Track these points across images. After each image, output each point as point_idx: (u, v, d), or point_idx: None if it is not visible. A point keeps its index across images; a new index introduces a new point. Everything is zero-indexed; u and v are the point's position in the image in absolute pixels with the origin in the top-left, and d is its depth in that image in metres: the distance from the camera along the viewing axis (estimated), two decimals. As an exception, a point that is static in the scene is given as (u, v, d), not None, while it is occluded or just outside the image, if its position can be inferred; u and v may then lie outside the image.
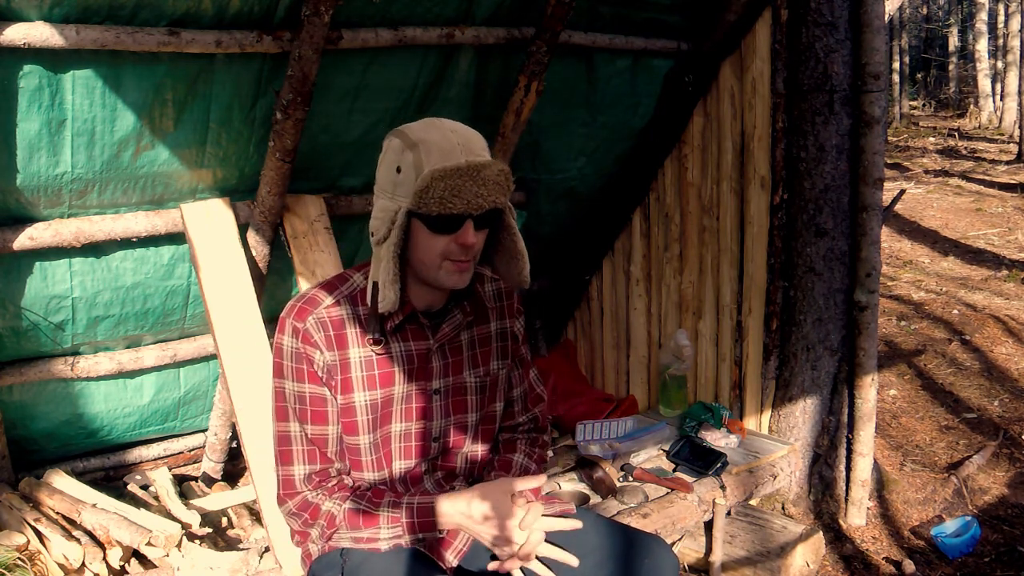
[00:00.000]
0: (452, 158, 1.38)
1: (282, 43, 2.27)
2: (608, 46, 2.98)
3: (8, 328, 2.48)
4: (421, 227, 1.42)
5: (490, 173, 1.39)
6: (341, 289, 1.53)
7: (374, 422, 1.53)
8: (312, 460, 1.53)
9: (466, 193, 1.37)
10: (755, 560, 2.59)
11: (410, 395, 1.56)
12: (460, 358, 1.61)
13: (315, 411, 1.51)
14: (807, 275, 2.97)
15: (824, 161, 2.89)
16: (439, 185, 1.35)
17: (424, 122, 1.47)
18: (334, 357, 1.49)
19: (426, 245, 1.43)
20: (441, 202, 1.36)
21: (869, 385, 2.94)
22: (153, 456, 3.06)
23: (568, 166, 3.32)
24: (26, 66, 2.00)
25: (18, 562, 2.24)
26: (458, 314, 1.58)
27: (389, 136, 1.46)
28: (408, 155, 1.39)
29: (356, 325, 1.51)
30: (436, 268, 1.45)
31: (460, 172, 1.37)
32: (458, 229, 1.41)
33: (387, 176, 1.43)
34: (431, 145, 1.39)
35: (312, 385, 1.50)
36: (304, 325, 1.48)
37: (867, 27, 2.79)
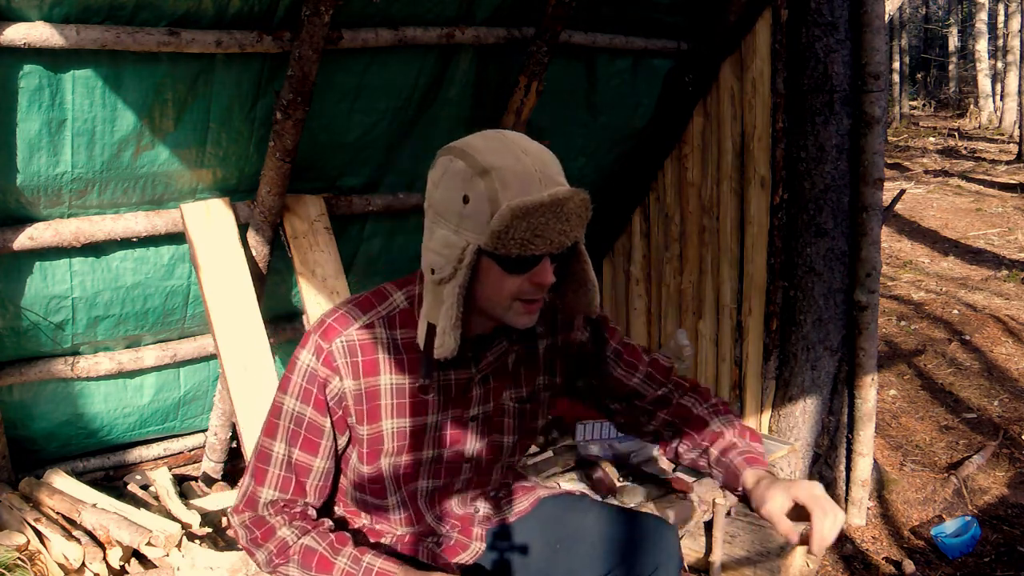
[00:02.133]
0: (531, 189, 1.20)
1: (282, 43, 2.27)
2: (608, 46, 2.98)
3: (8, 328, 2.48)
4: (492, 265, 1.24)
5: (573, 206, 1.22)
6: (378, 309, 1.37)
7: (400, 449, 1.41)
8: (285, 488, 1.39)
9: (549, 232, 1.20)
10: (755, 560, 2.59)
11: (444, 423, 1.43)
12: (501, 382, 1.46)
13: (308, 438, 1.38)
14: (807, 275, 2.98)
15: (824, 161, 2.89)
16: (520, 225, 1.18)
17: (488, 139, 1.25)
18: (358, 386, 1.35)
19: (497, 285, 1.26)
20: (523, 244, 1.19)
21: (869, 385, 2.94)
22: (153, 456, 3.06)
23: (568, 166, 3.27)
24: (26, 66, 2.00)
25: (18, 562, 2.24)
26: (504, 342, 1.43)
27: (448, 155, 1.25)
28: (479, 184, 1.20)
29: (390, 351, 1.36)
30: (505, 308, 1.28)
31: (543, 209, 1.18)
32: (533, 267, 1.24)
33: (450, 204, 1.23)
34: (506, 173, 1.20)
35: (315, 411, 1.36)
36: (329, 346, 1.33)
37: (867, 27, 2.79)
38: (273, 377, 2.54)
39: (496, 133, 1.27)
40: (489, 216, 1.19)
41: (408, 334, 1.37)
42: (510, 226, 1.18)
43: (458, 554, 1.55)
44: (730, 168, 3.19)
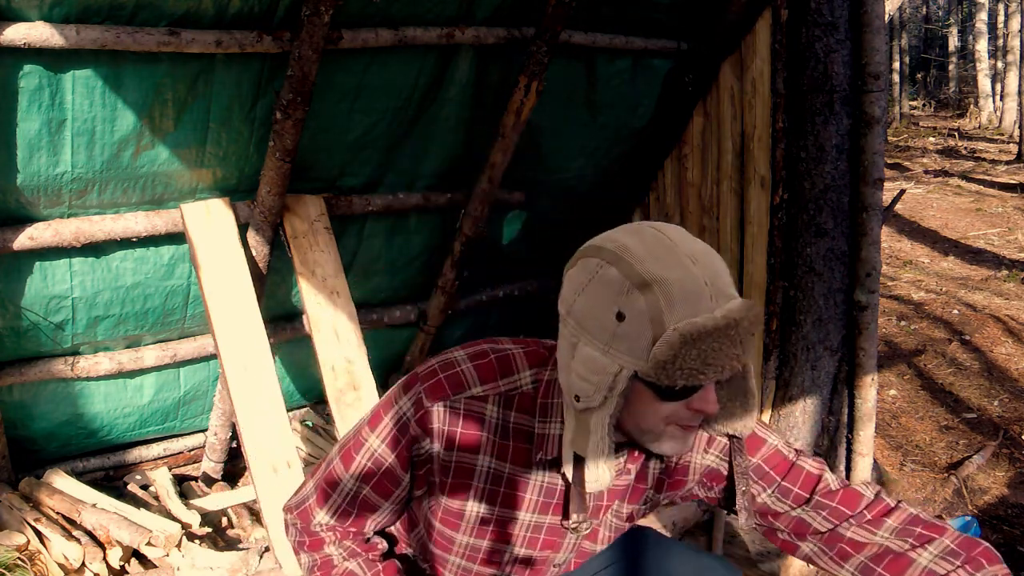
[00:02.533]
0: (702, 306, 1.01)
1: (282, 43, 2.27)
2: (608, 46, 2.98)
3: (8, 328, 2.48)
4: (645, 390, 1.07)
5: (746, 325, 1.03)
6: (499, 383, 1.20)
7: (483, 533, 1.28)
8: (343, 519, 1.29)
9: (721, 358, 1.01)
10: (755, 560, 2.59)
11: (540, 527, 1.28)
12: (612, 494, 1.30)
13: (382, 482, 1.26)
14: (807, 275, 2.97)
15: (824, 161, 2.88)
16: (690, 353, 1.00)
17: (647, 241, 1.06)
18: (450, 457, 1.20)
19: (649, 412, 1.09)
20: (690, 374, 1.01)
21: (869, 385, 2.94)
22: (153, 456, 3.06)
23: (568, 166, 3.32)
24: (26, 66, 2.00)
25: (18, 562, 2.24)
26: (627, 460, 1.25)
27: (596, 257, 1.08)
28: (638, 300, 1.01)
29: (498, 433, 1.20)
30: (655, 435, 1.12)
31: (717, 333, 1.00)
32: (695, 392, 1.08)
33: (599, 320, 1.05)
34: (672, 288, 1.01)
35: (397, 461, 1.23)
36: (431, 405, 1.18)
37: (867, 27, 2.79)
38: (273, 377, 2.54)
39: (655, 232, 1.08)
40: (650, 340, 1.01)
41: (523, 420, 1.20)
42: (678, 355, 1.00)
43: None
44: (730, 168, 3.19)
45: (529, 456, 1.21)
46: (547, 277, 3.79)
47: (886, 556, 1.22)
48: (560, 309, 1.13)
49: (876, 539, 1.24)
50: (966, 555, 1.20)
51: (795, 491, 1.29)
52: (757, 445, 1.30)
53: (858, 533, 1.25)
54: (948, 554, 1.19)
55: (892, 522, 1.25)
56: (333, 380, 2.69)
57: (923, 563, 1.19)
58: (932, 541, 1.21)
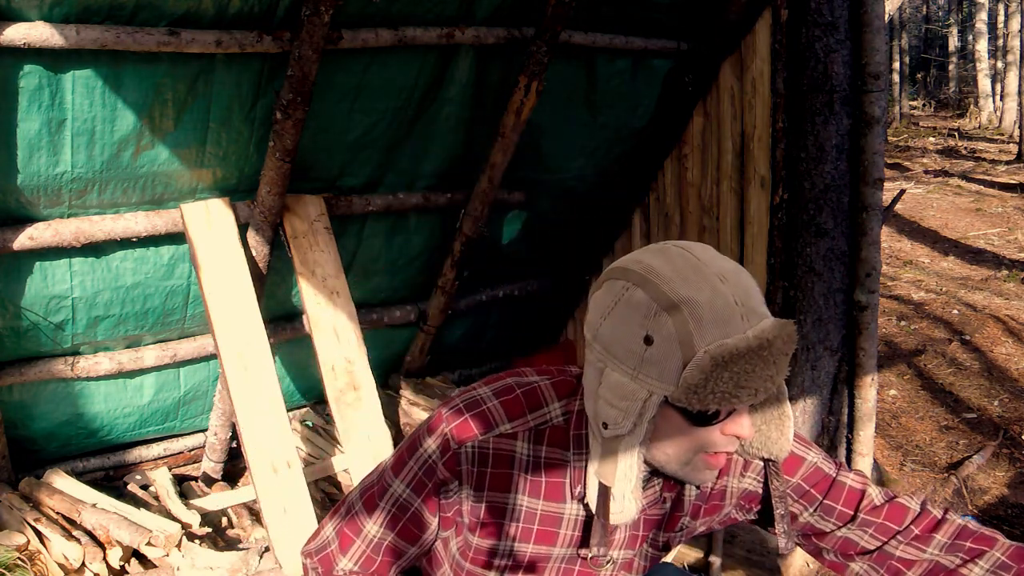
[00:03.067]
0: (733, 328, 0.97)
1: (282, 43, 2.27)
2: (608, 46, 2.98)
3: (8, 328, 2.48)
4: (675, 415, 1.03)
5: (780, 345, 0.97)
6: (528, 419, 1.15)
7: (514, 568, 1.23)
8: (367, 566, 1.24)
9: (755, 380, 0.97)
10: (755, 560, 2.59)
11: (573, 561, 1.23)
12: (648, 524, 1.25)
13: (408, 528, 1.21)
14: (807, 275, 2.97)
15: (824, 161, 2.88)
16: (722, 376, 0.95)
17: (675, 261, 1.02)
18: (480, 497, 1.15)
19: (679, 438, 1.05)
20: (723, 398, 0.97)
21: (869, 385, 2.94)
22: (153, 456, 3.06)
23: (568, 166, 3.32)
24: (26, 66, 2.00)
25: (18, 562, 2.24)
26: (660, 490, 1.20)
27: (623, 279, 1.04)
28: (666, 322, 0.97)
29: (529, 470, 1.15)
30: (683, 463, 1.07)
31: (750, 354, 0.96)
32: (728, 416, 1.03)
33: (627, 344, 1.00)
34: (701, 309, 0.97)
35: (423, 505, 1.18)
36: (459, 448, 1.13)
37: (867, 27, 2.79)
38: (273, 377, 2.54)
39: (681, 252, 1.03)
40: (680, 364, 0.97)
41: (555, 454, 1.15)
42: (710, 378, 0.96)
43: None
44: (730, 168, 3.19)
45: (562, 490, 1.17)
46: (547, 277, 3.79)
47: (938, 573, 1.19)
48: (586, 334, 1.08)
49: (926, 556, 1.20)
50: (1017, 568, 1.16)
51: (839, 509, 1.25)
52: (796, 464, 1.24)
53: (907, 551, 1.22)
54: (999, 567, 1.16)
55: (941, 537, 1.21)
56: (333, 380, 2.69)
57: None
58: (983, 555, 1.18)
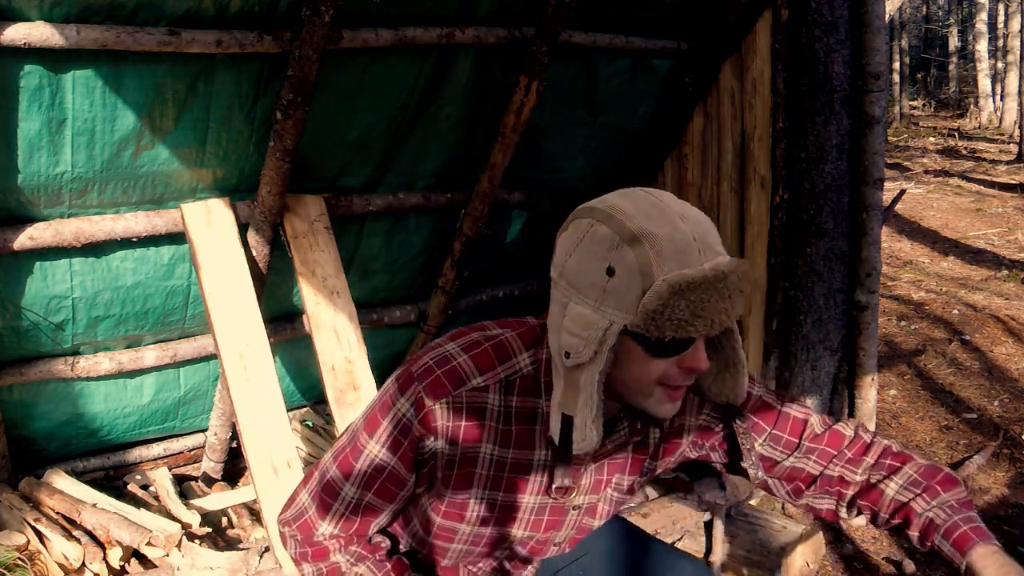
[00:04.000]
0: (690, 260, 1.03)
1: (282, 43, 2.27)
2: (608, 46, 2.98)
3: (8, 328, 2.48)
4: (635, 347, 1.08)
5: (735, 280, 1.04)
6: (498, 370, 1.19)
7: (487, 521, 1.28)
8: (346, 528, 1.27)
9: (710, 311, 1.02)
10: (755, 560, 2.59)
11: (543, 508, 1.28)
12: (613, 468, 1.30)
13: (386, 486, 1.24)
14: (807, 275, 2.97)
15: (824, 161, 2.89)
16: (679, 304, 1.01)
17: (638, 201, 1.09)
18: (454, 450, 1.20)
19: (640, 369, 1.09)
20: (679, 325, 1.02)
21: (869, 385, 2.94)
22: (153, 456, 3.06)
23: (568, 166, 3.31)
24: (26, 66, 2.00)
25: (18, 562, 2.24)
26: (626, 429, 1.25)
27: (586, 216, 1.10)
28: (627, 254, 1.03)
29: (500, 419, 1.19)
30: (646, 395, 1.12)
31: (705, 285, 1.02)
32: (685, 349, 1.08)
33: (590, 277, 1.06)
34: (661, 242, 1.03)
35: (400, 463, 1.21)
36: (433, 404, 1.16)
37: (867, 27, 2.79)
38: (273, 377, 2.54)
39: (645, 194, 1.10)
40: (640, 293, 1.02)
41: (526, 402, 1.20)
42: (667, 304, 1.01)
43: None
44: (730, 168, 3.19)
45: (531, 438, 1.21)
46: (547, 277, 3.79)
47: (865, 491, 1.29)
48: (552, 273, 1.14)
49: (858, 477, 1.30)
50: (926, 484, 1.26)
51: (786, 438, 1.32)
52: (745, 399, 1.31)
53: (844, 472, 1.30)
54: (911, 484, 1.26)
55: (869, 459, 1.31)
56: (333, 380, 2.69)
57: (890, 494, 1.26)
58: (898, 471, 1.28)
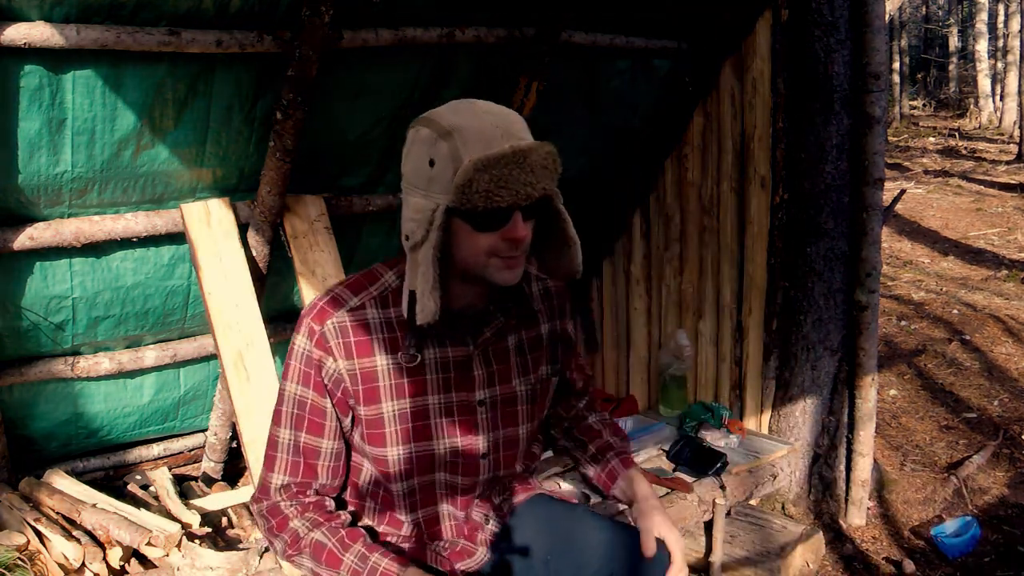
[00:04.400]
0: (493, 144, 1.21)
1: (282, 43, 2.27)
2: (608, 46, 2.98)
3: (8, 328, 2.48)
4: (463, 225, 1.26)
5: (537, 157, 1.23)
6: (369, 290, 1.39)
7: (405, 433, 1.39)
8: (294, 472, 1.41)
9: (513, 183, 1.21)
10: (755, 560, 2.59)
11: (450, 407, 1.41)
12: (507, 365, 1.46)
13: (312, 420, 1.39)
14: (807, 275, 2.98)
15: (824, 161, 2.89)
16: (482, 178, 1.19)
17: (452, 106, 1.29)
18: (352, 366, 1.35)
19: (470, 244, 1.27)
20: (487, 196, 1.20)
21: (869, 385, 2.94)
22: (153, 456, 3.06)
23: (568, 166, 3.27)
24: (26, 66, 2.00)
25: (18, 562, 2.24)
26: (499, 315, 1.42)
27: (414, 125, 1.30)
28: (442, 145, 1.22)
29: (383, 330, 1.36)
30: (483, 266, 1.29)
31: (504, 160, 1.20)
32: (505, 223, 1.25)
33: (418, 171, 1.26)
34: (467, 131, 1.22)
35: (315, 393, 1.37)
36: (321, 328, 1.35)
37: (867, 27, 2.79)
38: (273, 377, 2.54)
39: (461, 101, 1.30)
40: (453, 174, 1.21)
41: (401, 313, 1.35)
42: (473, 179, 1.19)
43: (463, 560, 1.52)
44: (730, 168, 3.19)
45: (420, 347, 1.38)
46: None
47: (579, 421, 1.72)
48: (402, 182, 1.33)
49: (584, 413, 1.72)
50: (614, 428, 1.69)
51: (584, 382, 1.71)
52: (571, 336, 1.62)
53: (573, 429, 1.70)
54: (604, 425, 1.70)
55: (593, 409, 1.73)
56: (333, 380, 2.69)
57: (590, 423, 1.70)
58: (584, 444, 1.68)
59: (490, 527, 1.55)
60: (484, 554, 1.53)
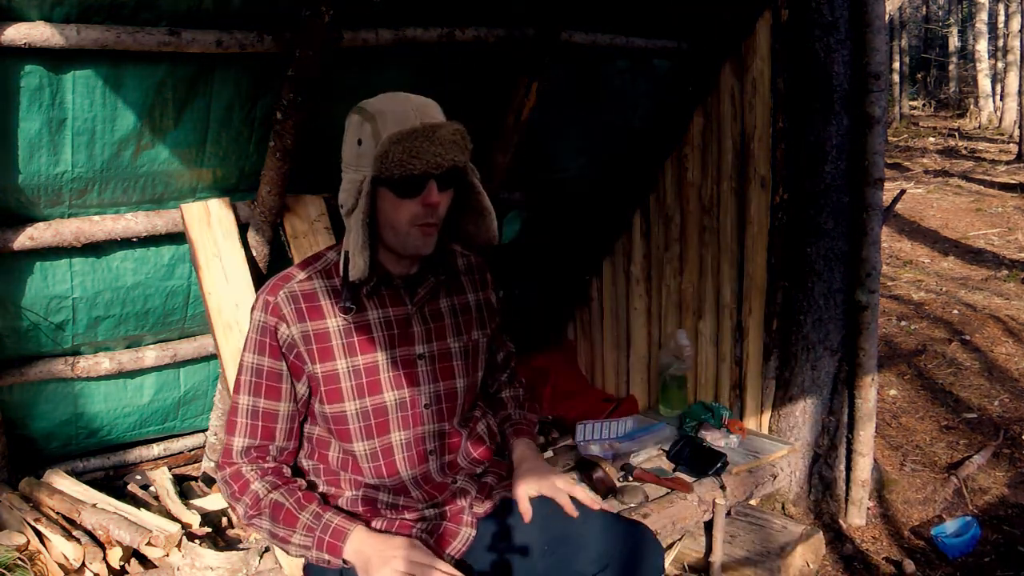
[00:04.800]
0: (408, 122, 1.43)
1: (282, 43, 2.27)
2: (608, 46, 2.98)
3: (8, 328, 2.48)
4: (387, 194, 1.48)
5: (445, 132, 1.44)
6: (315, 265, 1.61)
7: (360, 388, 1.57)
8: (253, 435, 1.56)
9: (424, 153, 1.42)
10: (755, 560, 2.59)
11: (395, 362, 1.60)
12: (442, 324, 1.66)
13: (269, 385, 1.56)
14: (807, 275, 2.98)
15: (824, 161, 2.89)
16: (397, 148, 1.41)
17: (381, 96, 1.52)
18: (305, 328, 1.55)
19: (393, 211, 1.49)
20: (401, 164, 1.42)
21: (869, 385, 2.94)
22: (153, 456, 3.06)
23: (568, 166, 3.31)
24: (26, 66, 2.00)
25: (18, 562, 2.24)
26: (431, 278, 1.64)
27: (350, 113, 1.53)
28: (367, 126, 1.46)
29: (331, 296, 1.57)
30: (404, 234, 1.50)
31: (416, 134, 1.42)
32: (422, 191, 1.47)
33: (350, 150, 1.51)
34: (387, 114, 1.45)
35: (271, 359, 1.55)
36: (275, 299, 1.55)
37: (867, 27, 2.79)
38: (273, 377, 2.54)
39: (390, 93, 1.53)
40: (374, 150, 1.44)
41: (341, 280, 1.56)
42: (388, 150, 1.41)
43: (449, 543, 1.59)
44: (730, 168, 3.19)
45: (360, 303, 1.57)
46: (547, 277, 3.79)
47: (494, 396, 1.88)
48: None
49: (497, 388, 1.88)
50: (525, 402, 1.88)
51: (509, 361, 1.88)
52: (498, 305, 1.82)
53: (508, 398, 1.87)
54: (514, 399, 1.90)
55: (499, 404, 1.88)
56: (333, 380, 2.69)
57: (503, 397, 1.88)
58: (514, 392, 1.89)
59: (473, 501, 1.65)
60: (470, 534, 1.62)
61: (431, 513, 1.62)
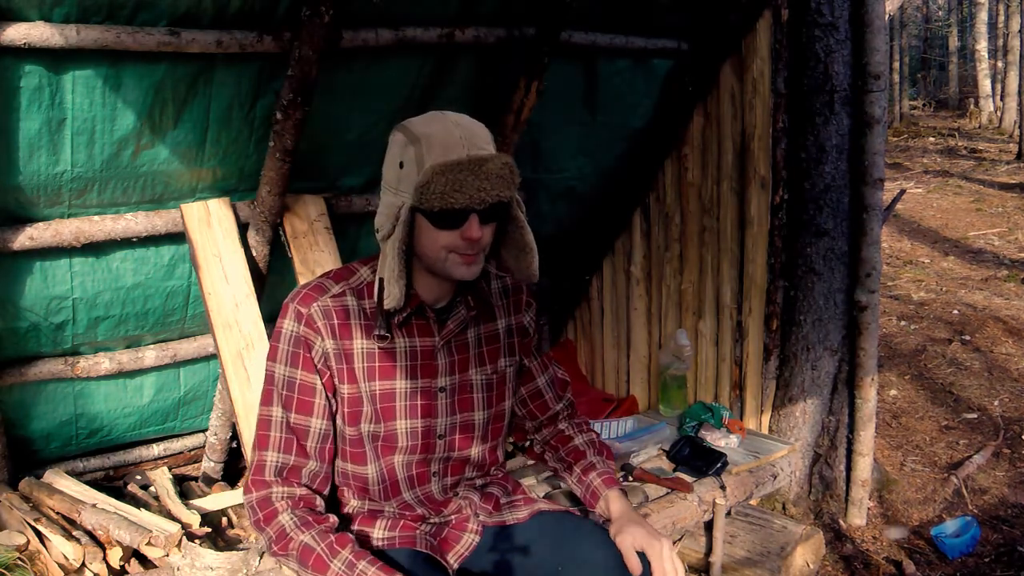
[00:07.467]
0: (454, 152, 1.35)
1: (282, 43, 2.27)
2: (608, 46, 2.98)
3: (8, 328, 2.48)
4: (424, 222, 1.40)
5: (493, 167, 1.36)
6: (348, 281, 1.53)
7: (377, 414, 1.52)
8: (287, 450, 1.49)
9: (468, 187, 1.34)
10: (755, 560, 2.59)
11: (414, 392, 1.54)
12: (466, 356, 1.59)
13: (302, 399, 1.49)
14: (807, 275, 2.98)
15: (824, 161, 2.89)
16: (439, 180, 1.33)
17: (428, 115, 1.43)
18: (336, 346, 1.48)
19: (430, 240, 1.41)
20: (442, 197, 1.33)
21: (869, 385, 2.94)
22: (153, 456, 3.06)
23: (568, 166, 3.31)
24: (26, 66, 2.00)
25: (18, 562, 2.24)
26: (462, 310, 1.57)
27: (394, 131, 1.45)
28: (410, 150, 1.38)
29: (360, 317, 1.50)
30: (442, 260, 1.43)
31: (461, 166, 1.33)
32: (462, 224, 1.39)
33: (391, 171, 1.43)
34: (433, 139, 1.37)
35: (304, 372, 1.49)
36: (308, 311, 1.47)
37: (867, 27, 2.79)
38: (273, 377, 2.54)
39: (436, 112, 1.44)
40: (417, 177, 1.36)
41: (375, 302, 1.49)
42: (431, 181, 1.33)
43: (452, 547, 1.59)
44: (730, 168, 3.19)
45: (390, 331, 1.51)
46: (547, 277, 3.79)
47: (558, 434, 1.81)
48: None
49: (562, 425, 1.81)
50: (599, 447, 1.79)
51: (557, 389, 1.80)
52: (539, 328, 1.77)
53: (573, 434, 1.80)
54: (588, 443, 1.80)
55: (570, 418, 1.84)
56: (333, 380, 2.69)
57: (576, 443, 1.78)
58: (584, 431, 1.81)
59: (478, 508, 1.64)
60: (473, 540, 1.60)
61: (436, 519, 1.61)
